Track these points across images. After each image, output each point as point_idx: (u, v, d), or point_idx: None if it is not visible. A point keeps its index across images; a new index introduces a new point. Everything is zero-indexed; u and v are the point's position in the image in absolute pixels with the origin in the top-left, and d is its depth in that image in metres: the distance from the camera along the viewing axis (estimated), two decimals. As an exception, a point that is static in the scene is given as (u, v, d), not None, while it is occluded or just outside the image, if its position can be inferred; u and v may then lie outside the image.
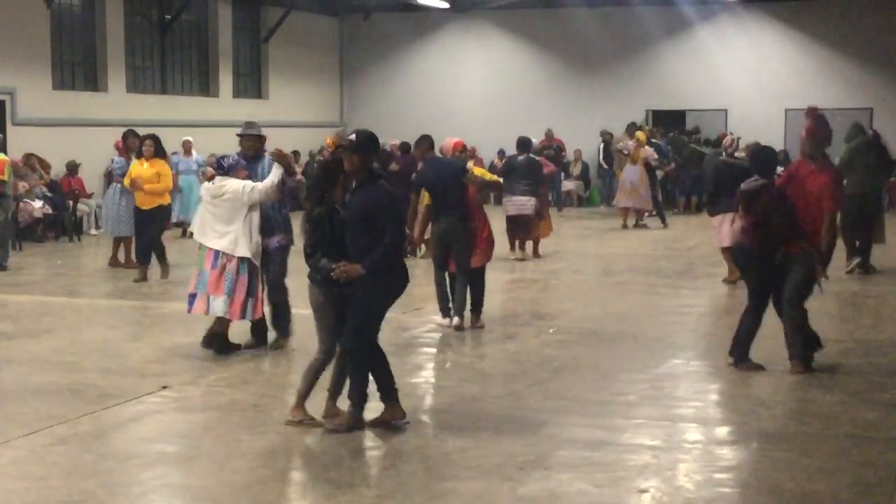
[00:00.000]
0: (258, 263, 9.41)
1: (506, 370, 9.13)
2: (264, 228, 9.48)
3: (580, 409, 7.80)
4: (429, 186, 10.75)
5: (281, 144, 11.61)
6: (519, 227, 16.19)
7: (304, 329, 9.25)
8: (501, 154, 25.30)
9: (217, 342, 9.59)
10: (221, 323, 9.56)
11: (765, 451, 6.81)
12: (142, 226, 14.44)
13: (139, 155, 14.57)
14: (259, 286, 9.51)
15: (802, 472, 6.33)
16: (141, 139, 14.84)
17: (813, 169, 9.03)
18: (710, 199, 13.91)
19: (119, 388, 8.38)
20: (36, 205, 18.87)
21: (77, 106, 21.29)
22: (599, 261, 16.68)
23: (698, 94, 27.22)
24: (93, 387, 8.40)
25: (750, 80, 26.79)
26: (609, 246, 18.57)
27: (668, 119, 27.33)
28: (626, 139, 22.73)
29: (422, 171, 11.17)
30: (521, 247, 16.32)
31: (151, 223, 14.36)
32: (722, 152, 14.36)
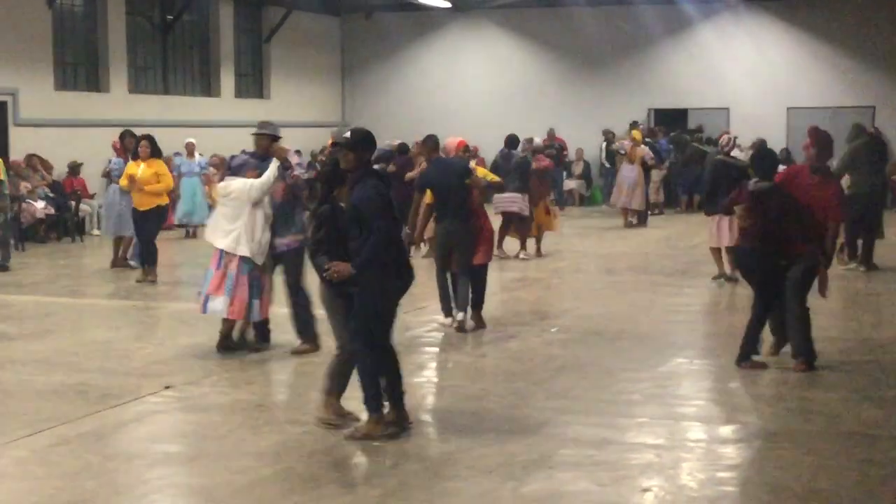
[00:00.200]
0: (260, 263, 9.41)
1: (508, 369, 9.12)
2: (277, 229, 9.48)
3: (583, 408, 7.80)
4: (432, 187, 10.74)
5: (283, 144, 11.60)
6: (511, 225, 16.14)
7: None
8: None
9: (223, 342, 9.61)
10: (226, 323, 9.57)
11: (768, 449, 6.81)
12: (138, 226, 14.25)
13: (135, 156, 14.32)
14: (267, 286, 9.48)
15: (806, 471, 6.33)
16: (138, 140, 14.59)
17: (817, 181, 9.05)
18: (707, 199, 13.93)
19: (122, 388, 8.38)
20: (38, 205, 18.88)
21: (79, 106, 21.29)
22: (601, 260, 16.67)
23: (700, 92, 27.20)
24: (96, 387, 8.40)
25: (752, 78, 26.77)
26: (611, 245, 18.57)
27: (670, 118, 27.34)
28: (627, 139, 22.78)
29: (426, 171, 11.15)
30: (522, 246, 16.30)
31: (147, 223, 14.13)
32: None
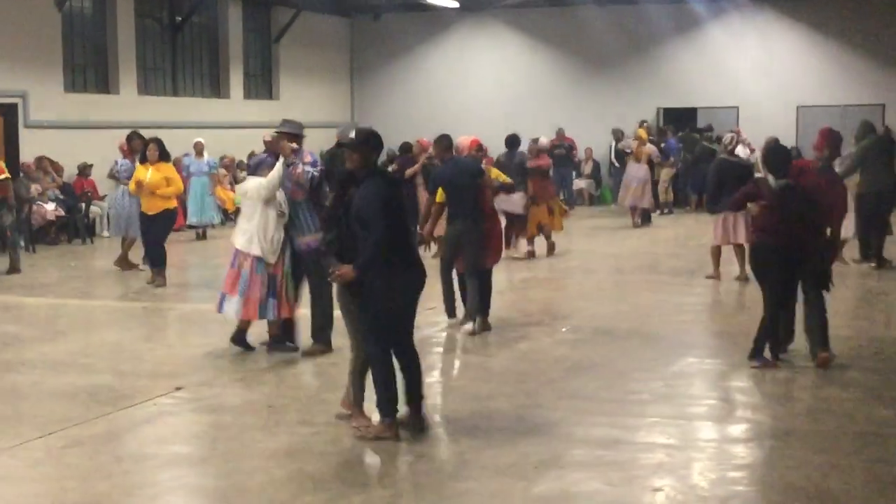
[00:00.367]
0: (272, 262, 9.40)
1: (518, 369, 9.12)
2: (299, 229, 9.48)
3: (594, 407, 7.79)
4: (445, 186, 10.66)
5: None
6: (512, 224, 16.12)
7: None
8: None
9: (238, 336, 9.65)
10: (244, 320, 9.61)
11: (779, 448, 6.80)
12: (146, 229, 14.07)
13: (143, 159, 14.07)
14: (283, 286, 9.46)
15: (817, 470, 6.32)
16: (145, 142, 14.42)
17: (824, 182, 9.10)
18: (712, 198, 13.95)
19: (133, 389, 8.40)
20: (49, 207, 18.92)
21: (88, 108, 21.32)
22: (611, 259, 16.65)
23: (709, 91, 27.17)
24: (107, 388, 8.42)
25: (761, 77, 26.73)
26: (621, 244, 18.54)
27: (679, 117, 27.30)
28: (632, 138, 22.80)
29: (439, 170, 11.02)
30: (515, 244, 16.24)
31: (156, 227, 13.96)
32: (733, 148, 14.37)
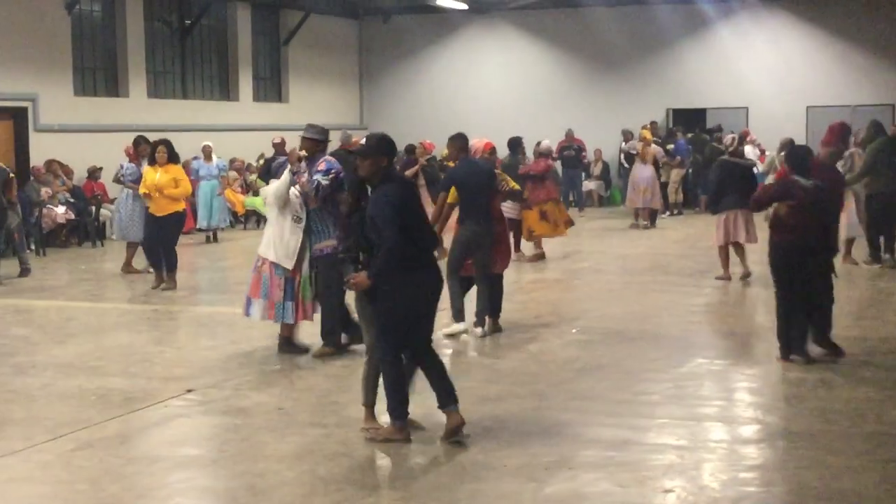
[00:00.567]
0: (289, 267, 9.39)
1: (528, 371, 9.12)
2: (315, 234, 9.48)
3: (604, 409, 7.79)
4: (459, 187, 10.44)
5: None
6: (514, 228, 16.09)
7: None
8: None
9: (284, 345, 9.67)
10: (284, 327, 9.64)
11: (790, 449, 6.79)
12: (156, 233, 13.94)
13: (151, 161, 14.06)
14: (301, 290, 9.46)
15: (828, 471, 6.30)
16: (153, 145, 14.37)
17: (828, 178, 9.10)
18: (714, 198, 13.96)
19: (144, 391, 8.42)
20: (59, 210, 18.97)
21: (98, 111, 21.39)
22: (621, 260, 16.63)
23: (719, 92, 27.16)
24: (118, 391, 8.44)
25: (770, 77, 26.70)
26: (630, 245, 18.52)
27: (689, 118, 27.27)
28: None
29: (453, 170, 10.79)
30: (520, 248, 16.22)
31: (166, 230, 13.90)
32: (742, 149, 14.37)
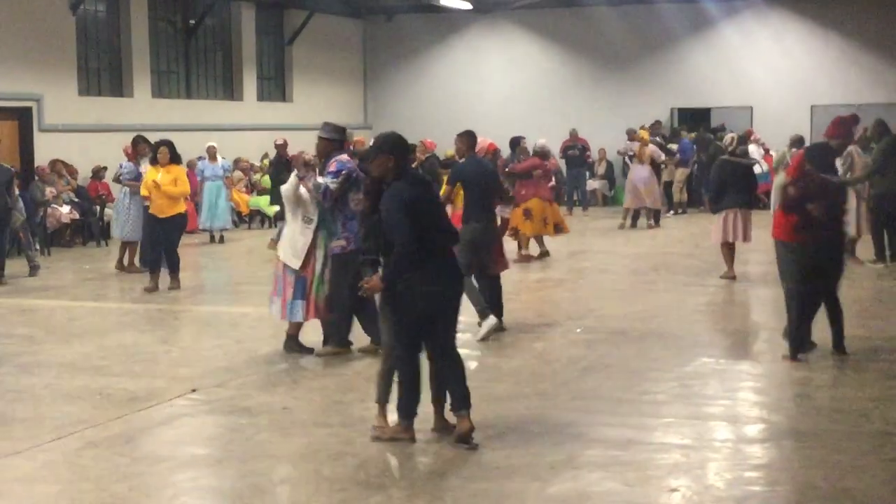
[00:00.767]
0: (296, 267, 9.38)
1: (533, 370, 9.12)
2: (328, 234, 9.44)
3: (608, 408, 7.78)
4: (466, 185, 10.43)
5: (306, 147, 11.66)
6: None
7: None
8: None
9: (289, 343, 9.68)
10: (293, 326, 9.64)
11: (796, 448, 6.79)
12: (157, 234, 13.77)
13: (153, 161, 13.92)
14: (312, 289, 9.44)
15: (834, 470, 6.29)
16: (153, 146, 14.28)
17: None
18: (714, 198, 13.97)
19: (149, 391, 8.42)
20: (63, 210, 18.99)
21: (102, 111, 21.39)
22: (625, 260, 16.63)
23: (723, 91, 27.11)
24: (122, 390, 8.44)
25: (774, 76, 26.66)
26: (635, 245, 18.52)
27: (693, 117, 27.25)
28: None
29: (460, 166, 10.70)
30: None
31: (168, 232, 13.75)
32: (746, 149, 14.37)
